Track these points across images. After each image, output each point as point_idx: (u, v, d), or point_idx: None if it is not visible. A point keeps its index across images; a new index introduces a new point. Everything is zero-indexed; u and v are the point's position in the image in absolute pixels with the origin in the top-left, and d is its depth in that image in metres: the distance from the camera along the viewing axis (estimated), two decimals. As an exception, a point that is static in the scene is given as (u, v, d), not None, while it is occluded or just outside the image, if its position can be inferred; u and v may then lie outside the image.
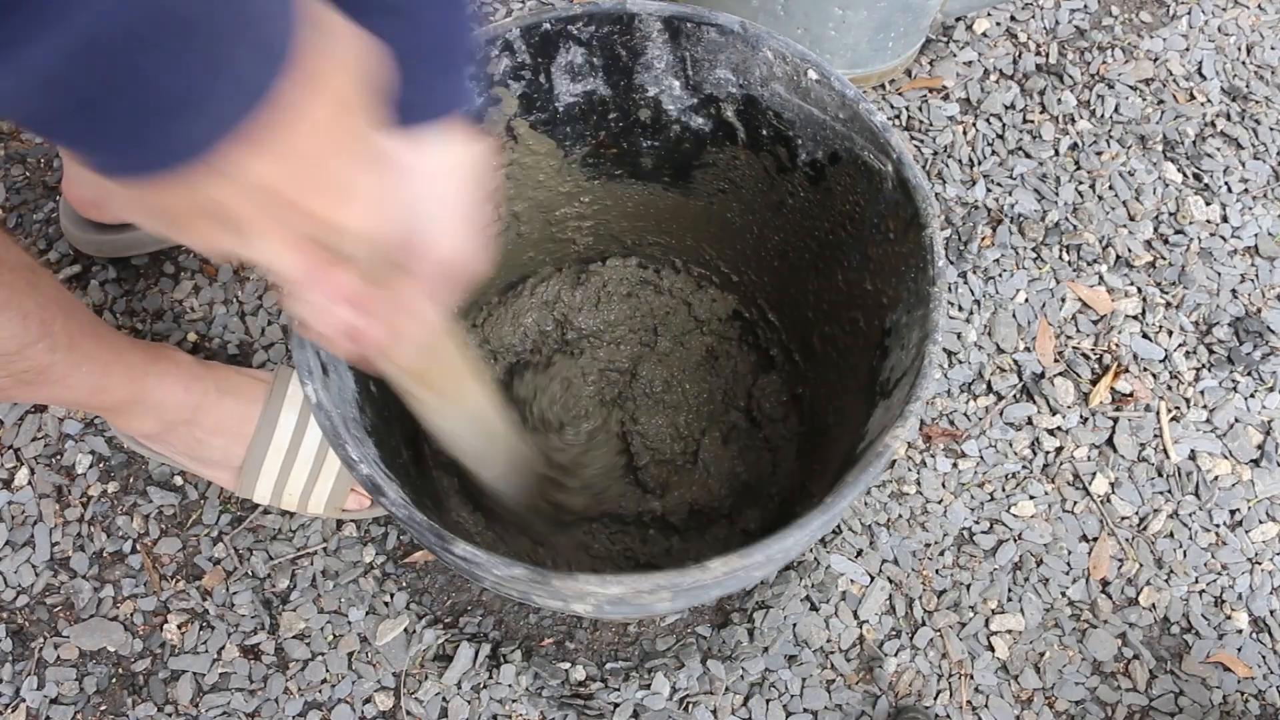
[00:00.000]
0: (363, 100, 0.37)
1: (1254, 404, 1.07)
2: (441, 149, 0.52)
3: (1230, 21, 1.29)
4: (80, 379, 0.77)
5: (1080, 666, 0.95)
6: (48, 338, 0.71)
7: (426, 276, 0.52)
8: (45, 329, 0.70)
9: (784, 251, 0.87)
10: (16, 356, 0.69)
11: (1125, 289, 1.11)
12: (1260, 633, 0.98)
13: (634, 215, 0.93)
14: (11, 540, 0.95)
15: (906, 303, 0.68)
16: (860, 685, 0.94)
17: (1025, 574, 0.98)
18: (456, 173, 0.54)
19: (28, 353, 0.70)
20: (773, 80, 0.72)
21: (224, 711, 0.90)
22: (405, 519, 0.59)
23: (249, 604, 0.94)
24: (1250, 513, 1.02)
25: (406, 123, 0.50)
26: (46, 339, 0.71)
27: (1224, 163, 1.19)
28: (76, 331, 0.75)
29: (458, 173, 0.54)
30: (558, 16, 0.71)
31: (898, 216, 0.68)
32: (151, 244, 1.05)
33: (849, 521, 0.99)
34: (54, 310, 0.72)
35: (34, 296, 0.70)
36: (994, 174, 1.16)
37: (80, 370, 0.76)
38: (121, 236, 1.03)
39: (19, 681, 0.91)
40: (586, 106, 0.79)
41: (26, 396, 0.76)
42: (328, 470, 0.92)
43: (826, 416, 0.87)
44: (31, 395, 0.75)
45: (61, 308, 0.73)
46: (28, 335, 0.69)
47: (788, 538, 0.58)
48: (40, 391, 0.75)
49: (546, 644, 0.94)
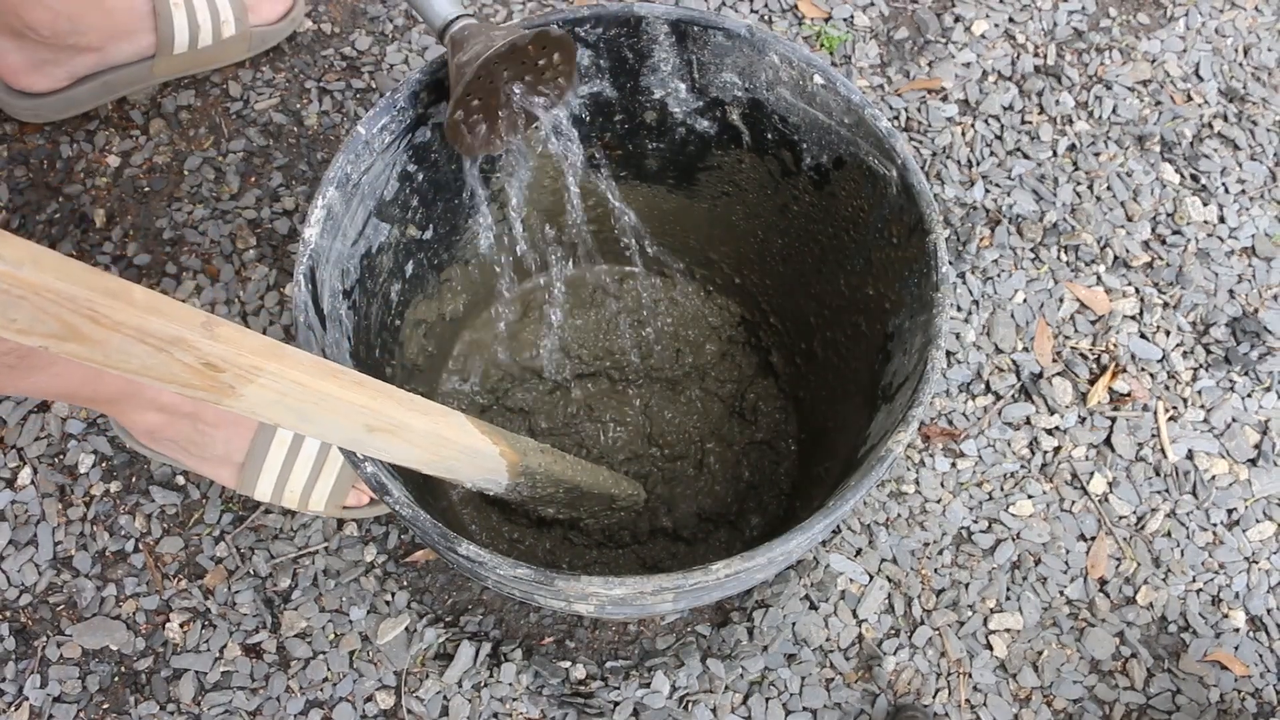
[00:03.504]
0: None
1: (1251, 404, 1.07)
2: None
3: (1227, 23, 1.29)
4: (70, 367, 0.74)
5: (1078, 665, 0.96)
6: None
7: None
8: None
9: (787, 255, 0.87)
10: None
11: (1123, 289, 1.12)
12: (1257, 631, 0.99)
13: (638, 217, 0.93)
14: (15, 539, 0.95)
15: (909, 308, 0.68)
16: (859, 684, 0.94)
17: (1023, 573, 0.99)
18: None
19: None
20: (778, 84, 0.72)
21: (226, 710, 0.91)
22: (410, 518, 0.60)
23: (251, 603, 0.94)
24: (1247, 512, 1.03)
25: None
26: None
27: (1221, 163, 1.19)
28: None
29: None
30: (565, 18, 0.71)
31: (901, 222, 0.68)
32: (87, 102, 1.11)
33: (848, 521, 1.00)
34: None
35: None
36: (992, 175, 1.17)
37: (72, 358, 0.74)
38: (56, 98, 1.09)
39: (22, 680, 0.91)
40: (593, 108, 0.79)
41: (15, 385, 0.73)
42: (330, 467, 0.92)
43: (828, 420, 0.87)
44: (20, 383, 0.73)
45: None
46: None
47: (790, 541, 0.59)
48: (29, 380, 0.73)
49: (547, 643, 0.95)
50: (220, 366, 0.47)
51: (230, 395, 0.49)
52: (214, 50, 1.12)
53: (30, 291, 0.37)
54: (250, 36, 1.13)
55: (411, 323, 0.86)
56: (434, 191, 0.78)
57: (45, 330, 0.40)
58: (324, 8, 1.21)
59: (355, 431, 0.58)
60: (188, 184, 1.11)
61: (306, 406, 0.53)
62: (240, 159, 1.12)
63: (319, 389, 0.52)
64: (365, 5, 1.22)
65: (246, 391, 0.49)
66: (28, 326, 0.39)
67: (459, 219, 0.84)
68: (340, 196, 0.67)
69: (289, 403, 0.52)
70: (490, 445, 0.70)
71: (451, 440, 0.65)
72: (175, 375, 0.46)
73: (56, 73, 1.06)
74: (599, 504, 0.89)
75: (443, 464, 0.67)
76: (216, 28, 1.10)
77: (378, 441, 0.60)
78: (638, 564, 0.93)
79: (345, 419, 0.56)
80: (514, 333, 0.99)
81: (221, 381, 0.48)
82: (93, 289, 0.39)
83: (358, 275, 0.73)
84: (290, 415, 0.53)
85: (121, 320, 0.41)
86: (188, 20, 1.08)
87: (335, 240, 0.68)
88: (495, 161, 0.81)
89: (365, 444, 0.60)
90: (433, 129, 0.73)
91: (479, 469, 0.71)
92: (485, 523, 0.93)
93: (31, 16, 0.98)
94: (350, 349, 0.71)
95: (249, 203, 1.10)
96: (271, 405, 0.52)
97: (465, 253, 0.88)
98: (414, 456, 0.64)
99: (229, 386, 0.48)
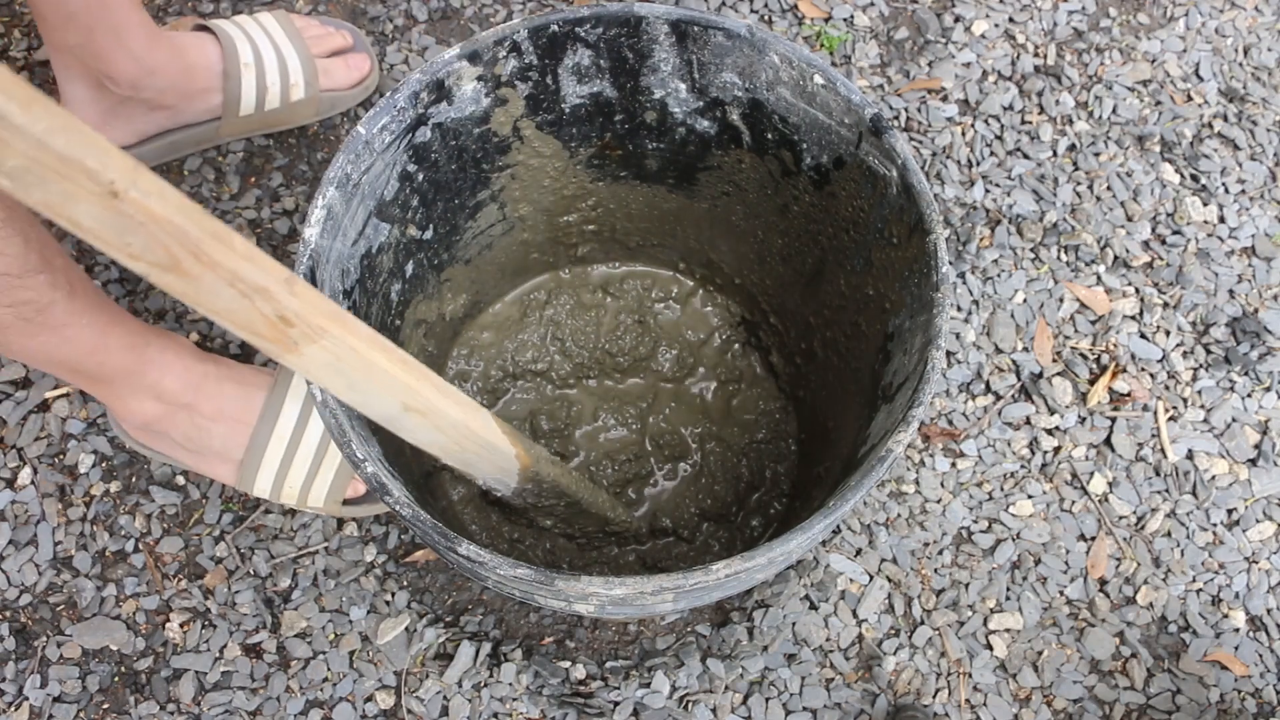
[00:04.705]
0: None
1: (1251, 403, 1.07)
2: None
3: (1228, 23, 1.29)
4: (80, 333, 0.76)
5: (1078, 665, 0.96)
6: (49, 271, 0.71)
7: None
8: (46, 262, 0.70)
9: (787, 255, 0.87)
10: (18, 282, 0.69)
11: (1123, 289, 1.12)
12: (1257, 631, 0.99)
13: (638, 217, 0.93)
14: (15, 539, 0.95)
15: (910, 308, 0.68)
16: (859, 684, 0.94)
17: (1023, 573, 0.99)
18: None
19: (29, 281, 0.69)
20: (779, 84, 0.72)
21: (226, 710, 0.91)
22: (410, 518, 0.60)
23: (251, 603, 0.94)
24: (1247, 512, 1.03)
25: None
26: (48, 272, 0.71)
27: (1221, 164, 1.19)
28: (78, 281, 0.75)
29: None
30: (565, 18, 0.71)
31: (901, 222, 0.68)
32: (151, 159, 1.08)
33: (848, 521, 1.00)
34: (55, 250, 0.72)
35: (36, 227, 0.69)
36: (992, 175, 1.17)
37: (81, 322, 0.76)
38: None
39: (22, 680, 0.91)
40: (593, 108, 0.79)
41: (24, 345, 0.74)
42: (329, 463, 0.92)
43: (828, 420, 0.87)
44: (29, 343, 0.74)
45: (63, 254, 0.73)
46: (29, 262, 0.69)
47: (790, 541, 0.59)
48: (38, 339, 0.74)
49: (547, 643, 0.95)
50: (292, 321, 0.50)
51: (293, 351, 0.52)
52: (282, 113, 1.10)
53: (151, 221, 0.41)
54: (319, 101, 1.11)
55: (412, 323, 0.86)
56: (434, 191, 0.78)
57: (153, 258, 0.43)
58: (324, 8, 1.21)
59: (393, 407, 0.60)
60: (188, 184, 1.11)
61: (356, 375, 0.56)
62: (240, 159, 1.12)
63: (371, 359, 0.55)
64: (365, 5, 1.22)
65: (308, 351, 0.52)
66: (139, 252, 0.42)
67: (459, 219, 0.84)
68: (340, 196, 0.67)
69: (342, 367, 0.55)
70: (509, 446, 0.72)
71: (476, 434, 0.67)
72: (251, 323, 0.49)
73: (126, 129, 1.03)
74: (594, 524, 0.90)
75: (462, 455, 0.69)
76: (285, 90, 1.08)
77: (410, 421, 0.62)
78: (638, 564, 0.93)
79: (387, 393, 0.59)
80: (514, 333, 0.99)
81: (289, 336, 0.51)
82: (203, 229, 0.43)
83: (358, 275, 0.73)
84: (339, 380, 0.56)
85: (220, 261, 0.45)
86: (256, 82, 1.06)
87: (335, 240, 0.68)
88: (495, 161, 0.81)
89: (398, 421, 0.62)
90: (433, 129, 0.73)
91: (494, 467, 0.73)
92: (485, 523, 0.93)
93: (115, 68, 0.95)
94: (351, 349, 0.71)
95: (249, 203, 1.10)
96: (325, 367, 0.54)
97: (465, 253, 0.88)
98: (438, 442, 0.66)
99: (294, 343, 0.51)
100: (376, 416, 0.61)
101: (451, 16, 1.23)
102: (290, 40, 1.08)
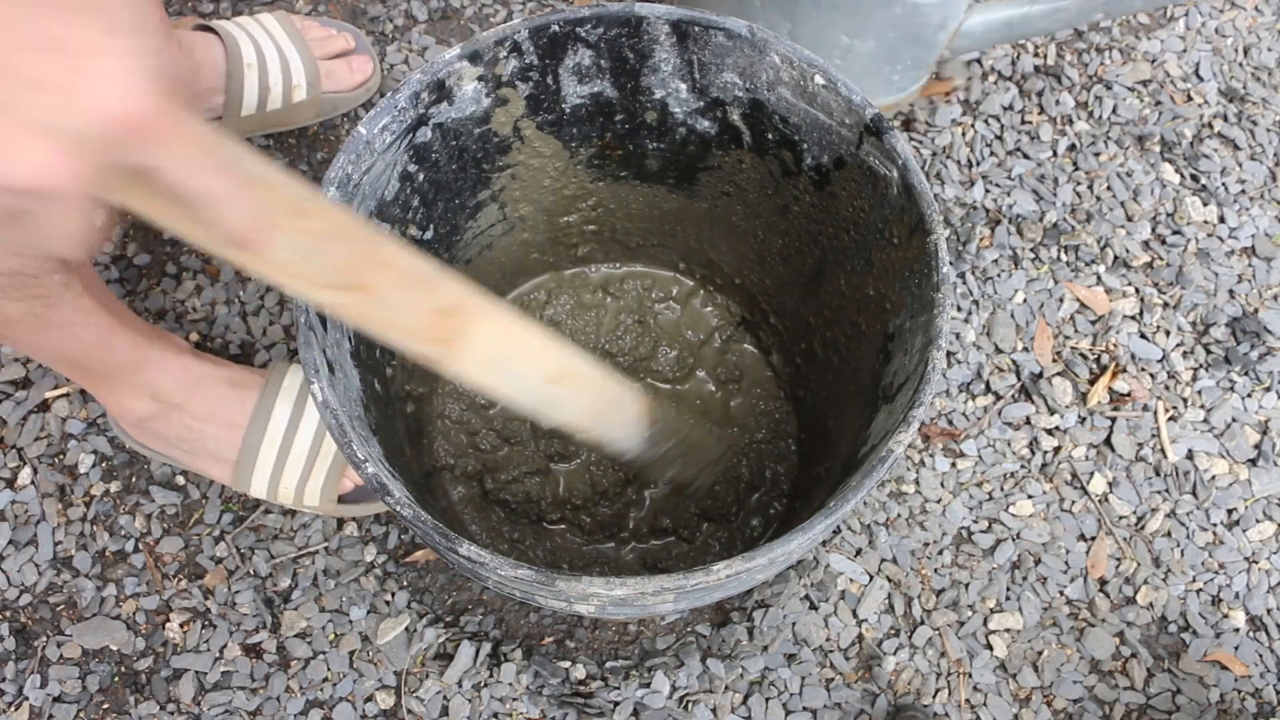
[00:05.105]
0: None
1: (1251, 403, 1.07)
2: None
3: (1228, 23, 1.29)
4: (86, 331, 0.78)
5: (1078, 665, 0.96)
6: (64, 271, 0.72)
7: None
8: (62, 262, 0.72)
9: (787, 255, 0.87)
10: (34, 281, 0.70)
11: (1123, 289, 1.12)
12: (1257, 631, 0.99)
13: (638, 217, 0.93)
14: (15, 539, 0.95)
15: (910, 308, 0.68)
16: (859, 684, 0.94)
17: (1023, 573, 0.99)
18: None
19: (45, 280, 0.71)
20: (779, 85, 0.72)
21: (226, 710, 0.91)
22: (411, 519, 0.60)
23: (250, 603, 0.94)
24: (1247, 512, 1.03)
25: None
26: (63, 272, 0.72)
27: (1221, 164, 1.19)
28: (90, 280, 0.77)
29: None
30: (566, 18, 0.71)
31: (902, 222, 0.68)
32: None
33: (848, 521, 1.00)
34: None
35: None
36: (992, 175, 1.17)
37: (88, 320, 0.77)
38: None
39: (22, 680, 0.91)
40: (593, 108, 0.79)
41: (32, 339, 0.76)
42: (321, 462, 0.92)
43: (828, 420, 0.87)
44: (37, 338, 0.76)
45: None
46: (48, 261, 0.70)
47: (790, 541, 0.59)
48: (46, 335, 0.75)
49: (547, 643, 0.95)
50: (450, 312, 0.51)
51: (453, 349, 0.53)
52: (283, 114, 1.09)
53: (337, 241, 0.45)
54: (321, 102, 1.11)
55: (412, 323, 0.86)
56: (434, 192, 0.78)
57: (334, 282, 0.46)
58: (324, 8, 1.21)
59: (537, 382, 0.60)
60: (188, 184, 1.11)
61: (509, 353, 0.56)
62: (240, 159, 1.12)
63: (516, 333, 0.56)
64: (365, 5, 1.22)
65: (467, 343, 0.53)
66: (329, 277, 0.46)
67: (459, 219, 0.84)
68: (341, 196, 0.67)
69: (497, 354, 0.55)
70: (633, 393, 0.71)
71: (609, 388, 0.67)
72: (415, 325, 0.51)
73: None
74: (704, 456, 0.88)
75: (602, 415, 0.68)
76: (287, 91, 1.08)
77: (554, 391, 0.62)
78: (638, 564, 0.93)
79: (535, 366, 0.59)
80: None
81: (447, 332, 0.52)
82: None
83: (358, 275, 0.73)
84: (494, 373, 0.56)
85: (389, 261, 0.48)
86: (258, 82, 1.06)
87: (336, 240, 0.68)
88: (496, 161, 0.81)
89: (543, 395, 0.62)
90: (433, 129, 0.73)
91: (625, 420, 0.72)
92: (486, 523, 0.93)
93: None
94: (351, 349, 0.71)
95: (249, 202, 1.10)
96: (483, 363, 0.55)
97: (466, 253, 0.88)
98: (582, 406, 0.65)
99: (452, 339, 0.52)
100: (523, 397, 0.61)
101: (451, 16, 1.23)
102: (292, 41, 1.08)
